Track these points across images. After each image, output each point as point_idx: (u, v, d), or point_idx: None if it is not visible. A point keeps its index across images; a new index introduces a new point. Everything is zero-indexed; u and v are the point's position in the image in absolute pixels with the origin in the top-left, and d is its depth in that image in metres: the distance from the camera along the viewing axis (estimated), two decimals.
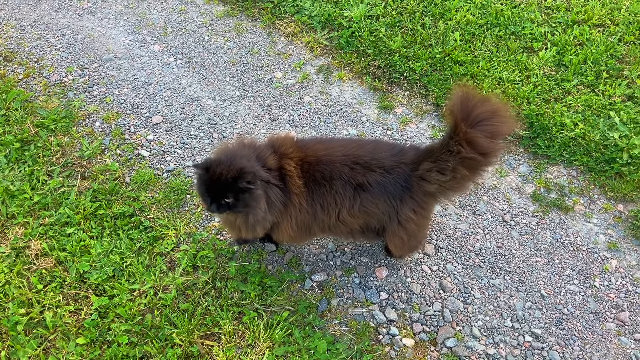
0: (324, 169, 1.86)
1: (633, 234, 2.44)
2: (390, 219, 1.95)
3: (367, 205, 1.88)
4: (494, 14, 3.39)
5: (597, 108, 2.86)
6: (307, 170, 1.88)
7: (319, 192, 1.87)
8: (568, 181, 2.65)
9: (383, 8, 3.48)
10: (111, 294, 2.19)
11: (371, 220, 1.97)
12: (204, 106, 3.07)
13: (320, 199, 1.87)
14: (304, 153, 1.91)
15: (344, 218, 1.91)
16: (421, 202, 1.91)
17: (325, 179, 1.86)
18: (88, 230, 2.41)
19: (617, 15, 3.36)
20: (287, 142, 1.96)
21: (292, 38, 3.50)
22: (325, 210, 1.88)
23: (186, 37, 3.54)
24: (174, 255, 2.34)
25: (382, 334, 2.12)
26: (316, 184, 1.87)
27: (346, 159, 1.86)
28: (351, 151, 1.89)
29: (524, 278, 2.31)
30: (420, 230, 2.10)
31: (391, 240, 2.06)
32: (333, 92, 3.14)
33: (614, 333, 2.15)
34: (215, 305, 2.16)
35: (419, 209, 1.92)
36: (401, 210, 1.91)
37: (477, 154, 1.68)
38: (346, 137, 2.06)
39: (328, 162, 1.87)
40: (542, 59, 3.12)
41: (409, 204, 1.90)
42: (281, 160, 1.89)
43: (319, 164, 1.88)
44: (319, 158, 1.89)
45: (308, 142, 2.00)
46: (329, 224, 1.93)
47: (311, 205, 1.89)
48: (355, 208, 1.88)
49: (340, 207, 1.88)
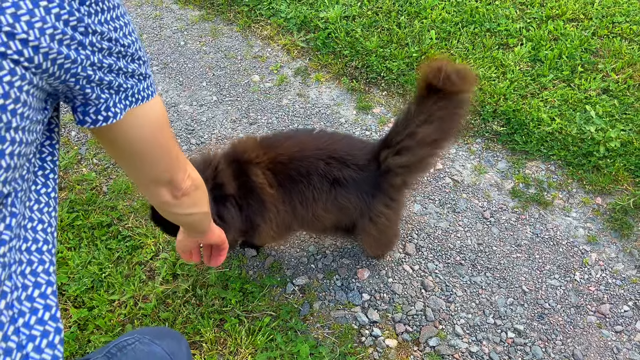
0: (299, 165, 1.83)
1: (611, 226, 2.46)
2: (361, 215, 1.94)
3: (340, 200, 1.87)
4: (469, 12, 3.40)
5: (573, 102, 2.88)
6: (281, 171, 1.85)
7: (296, 189, 1.85)
8: (546, 176, 2.67)
9: (359, 8, 3.48)
10: (90, 305, 2.16)
11: (343, 217, 1.95)
12: (181, 112, 3.04)
13: (299, 196, 1.85)
14: (274, 153, 1.86)
15: (318, 213, 1.89)
16: (391, 195, 1.92)
17: (302, 175, 1.83)
18: (65, 242, 2.38)
19: (590, 9, 3.39)
20: (250, 147, 1.90)
21: (269, 41, 3.49)
22: (304, 206, 1.86)
23: (162, 43, 3.52)
24: (153, 264, 2.31)
25: (364, 335, 2.12)
26: (293, 182, 1.84)
27: (321, 153, 1.84)
28: (325, 145, 1.86)
29: (505, 274, 2.31)
30: (392, 225, 2.09)
31: (363, 237, 2.07)
32: (311, 94, 3.14)
33: (595, 326, 2.16)
34: (196, 313, 2.14)
35: (390, 202, 1.93)
36: (373, 206, 1.91)
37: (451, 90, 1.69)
38: (310, 128, 2.02)
39: (302, 159, 1.84)
40: (517, 55, 3.14)
41: (380, 199, 1.90)
42: (247, 170, 1.84)
43: (293, 162, 1.84)
44: (292, 155, 1.85)
45: (275, 140, 1.94)
46: (308, 219, 1.91)
47: (289, 203, 1.86)
48: (329, 203, 1.87)
49: (317, 202, 1.86)
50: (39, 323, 0.79)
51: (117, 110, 0.81)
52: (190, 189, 1.09)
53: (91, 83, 0.75)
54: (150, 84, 0.87)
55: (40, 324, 0.79)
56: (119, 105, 0.81)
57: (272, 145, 1.90)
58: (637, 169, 2.60)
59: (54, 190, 0.85)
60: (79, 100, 0.77)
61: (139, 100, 0.84)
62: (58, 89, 0.73)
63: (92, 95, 0.77)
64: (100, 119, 0.80)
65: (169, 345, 1.25)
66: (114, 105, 0.81)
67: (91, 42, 0.72)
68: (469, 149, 2.80)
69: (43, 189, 0.83)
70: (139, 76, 0.83)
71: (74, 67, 0.71)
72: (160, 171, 1.00)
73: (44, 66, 0.67)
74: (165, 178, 1.03)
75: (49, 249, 0.83)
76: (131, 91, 0.82)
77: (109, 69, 0.77)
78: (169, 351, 1.23)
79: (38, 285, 0.80)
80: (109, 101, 0.80)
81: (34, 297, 0.79)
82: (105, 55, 0.75)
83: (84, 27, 0.69)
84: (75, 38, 0.69)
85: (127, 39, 0.79)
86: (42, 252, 0.81)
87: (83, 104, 0.78)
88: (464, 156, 2.77)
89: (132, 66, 0.81)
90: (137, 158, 0.95)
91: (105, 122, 0.81)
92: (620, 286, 2.27)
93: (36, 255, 0.80)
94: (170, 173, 1.02)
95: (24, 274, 0.78)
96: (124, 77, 0.80)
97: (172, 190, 1.06)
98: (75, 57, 0.70)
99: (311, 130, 1.99)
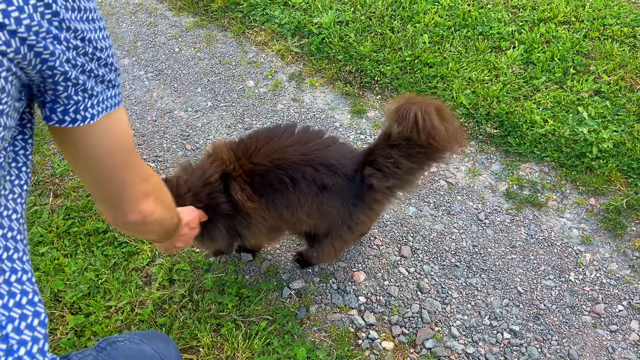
0: (280, 174, 1.76)
1: (605, 226, 2.48)
2: (342, 223, 1.92)
3: (325, 206, 1.83)
4: (461, 15, 3.43)
5: (566, 104, 2.90)
6: (261, 182, 1.78)
7: (281, 195, 1.79)
8: (540, 177, 2.69)
9: (352, 13, 3.50)
10: (87, 311, 2.16)
11: (322, 223, 1.92)
12: (176, 118, 3.05)
13: (284, 201, 1.79)
14: (251, 163, 1.79)
15: (300, 217, 1.85)
16: (372, 206, 1.90)
17: (285, 182, 1.76)
18: (62, 249, 2.38)
19: (581, 12, 3.42)
20: (226, 158, 1.82)
21: (263, 47, 3.51)
22: (289, 209, 1.82)
23: (156, 49, 3.53)
24: (149, 269, 2.32)
25: (361, 338, 2.12)
26: (275, 189, 1.78)
27: (308, 159, 1.77)
28: (313, 151, 1.79)
29: (500, 275, 2.33)
30: (365, 230, 2.21)
31: (329, 244, 2.03)
32: (305, 98, 3.15)
33: (590, 326, 2.17)
34: (192, 318, 2.15)
35: (369, 212, 1.92)
36: (354, 215, 1.89)
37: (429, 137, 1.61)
38: (290, 125, 1.91)
39: (285, 167, 1.76)
40: (510, 58, 3.16)
41: (362, 209, 1.88)
42: (227, 184, 1.80)
43: (274, 171, 1.77)
44: (272, 163, 1.77)
45: (251, 145, 1.83)
46: (292, 222, 1.88)
47: (275, 210, 1.82)
48: (313, 208, 1.82)
49: (302, 206, 1.81)
50: (17, 306, 0.82)
51: (86, 114, 0.82)
52: (136, 223, 1.05)
53: (67, 82, 0.77)
54: (117, 93, 0.88)
55: (18, 307, 0.82)
56: (90, 110, 0.82)
57: (249, 152, 1.81)
58: (629, 170, 2.62)
59: (26, 183, 0.88)
60: (49, 95, 0.79)
61: (107, 108, 0.85)
62: (34, 79, 0.75)
63: (62, 94, 0.79)
64: (67, 119, 0.81)
65: (158, 346, 1.26)
66: (84, 109, 0.82)
67: (66, 38, 0.74)
68: (463, 151, 2.82)
69: (17, 180, 0.86)
70: (108, 82, 0.84)
71: (52, 59, 0.73)
72: (108, 193, 0.98)
73: (27, 57, 0.70)
74: (109, 202, 1.00)
75: (22, 239, 0.86)
76: (101, 97, 0.83)
77: (82, 69, 0.78)
78: (158, 351, 1.24)
79: (14, 271, 0.83)
80: (79, 104, 0.81)
81: (11, 282, 0.82)
82: (80, 53, 0.77)
83: (58, 21, 0.72)
84: (50, 31, 0.71)
85: (100, 42, 0.81)
86: (17, 241, 0.84)
87: (52, 100, 0.80)
88: (458, 159, 2.79)
89: (102, 70, 0.82)
90: (94, 175, 0.94)
91: (72, 124, 0.82)
92: (614, 286, 2.29)
93: (12, 242, 0.83)
94: (115, 200, 1.00)
95: (1, 259, 0.81)
96: (94, 80, 0.81)
97: (114, 216, 1.03)
98: (53, 50, 0.72)
99: (292, 129, 1.87)
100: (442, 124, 1.57)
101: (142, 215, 1.05)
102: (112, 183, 0.95)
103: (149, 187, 1.05)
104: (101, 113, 0.84)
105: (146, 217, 1.06)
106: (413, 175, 1.82)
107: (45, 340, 0.84)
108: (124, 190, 0.98)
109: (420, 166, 1.77)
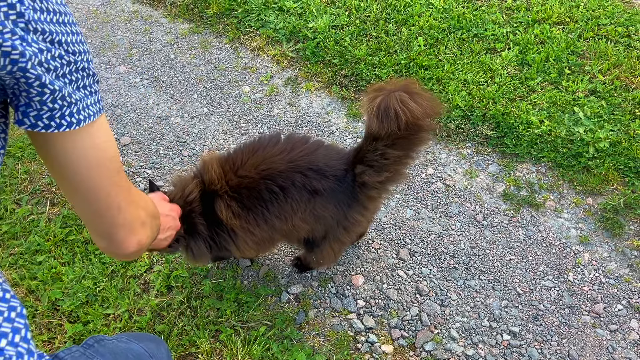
0: (270, 184, 1.75)
1: (603, 226, 2.48)
2: (337, 224, 1.92)
3: (319, 210, 1.82)
4: (456, 18, 3.43)
5: (562, 104, 2.90)
6: (249, 196, 1.77)
7: (271, 206, 1.77)
8: (537, 178, 2.69)
9: (347, 17, 3.51)
10: (85, 320, 2.16)
11: (318, 226, 1.91)
12: (173, 124, 3.05)
13: (276, 211, 1.78)
14: (238, 177, 1.78)
15: (296, 223, 1.84)
16: (366, 204, 1.90)
17: (275, 192, 1.75)
18: (59, 257, 2.37)
19: (575, 12, 3.43)
20: (215, 174, 1.82)
21: (259, 52, 3.51)
22: (283, 219, 1.80)
23: (152, 56, 3.53)
24: (147, 276, 2.31)
25: (360, 342, 2.12)
26: (265, 201, 1.76)
27: (295, 166, 1.77)
28: (299, 157, 1.79)
29: (499, 277, 2.32)
30: (362, 230, 2.21)
31: (327, 247, 2.03)
32: (302, 103, 3.15)
33: (590, 325, 2.17)
34: (191, 324, 2.14)
35: (364, 210, 1.92)
36: (349, 215, 1.88)
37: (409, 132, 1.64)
38: (275, 134, 1.90)
39: (273, 176, 1.75)
40: (505, 59, 3.16)
41: (356, 209, 1.88)
42: (213, 200, 1.79)
43: (262, 182, 1.76)
44: (258, 175, 1.76)
45: (237, 159, 1.83)
46: (287, 230, 1.86)
47: (266, 222, 1.80)
48: (307, 213, 1.82)
49: (295, 213, 1.80)
50: None
51: (62, 122, 0.79)
52: (133, 253, 0.99)
53: (43, 88, 0.75)
54: (96, 100, 0.85)
55: None
56: (68, 118, 0.80)
57: (235, 166, 1.81)
58: (626, 169, 2.62)
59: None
60: (23, 99, 0.77)
61: (88, 117, 0.82)
62: (5, 80, 0.73)
63: (35, 97, 0.76)
64: (40, 125, 0.79)
65: (147, 345, 1.25)
66: (60, 117, 0.79)
67: (34, 39, 0.72)
68: (460, 153, 2.82)
69: None
70: (85, 89, 0.82)
71: (23, 61, 0.71)
72: (99, 218, 0.92)
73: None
74: (99, 228, 0.94)
75: None
76: (80, 104, 0.81)
77: (56, 73, 0.76)
78: (148, 350, 1.23)
79: None
80: (55, 112, 0.78)
81: None
82: (55, 57, 0.76)
83: (24, 22, 0.70)
84: (15, 32, 0.69)
85: (74, 46, 0.79)
86: None
87: (26, 104, 0.77)
88: (455, 161, 2.79)
89: (77, 75, 0.80)
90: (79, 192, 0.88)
91: (46, 129, 0.79)
92: (613, 285, 2.29)
93: None
94: (107, 226, 0.93)
95: None
96: (70, 86, 0.79)
97: (108, 245, 0.96)
98: (22, 51, 0.70)
99: (276, 138, 1.87)
100: (417, 101, 1.56)
101: (140, 246, 1.00)
102: (101, 204, 0.89)
103: (142, 213, 0.99)
104: (82, 121, 0.81)
105: (143, 246, 1.01)
106: (402, 164, 1.82)
107: (26, 329, 0.80)
108: (119, 213, 0.92)
109: (407, 153, 1.77)
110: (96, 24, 3.81)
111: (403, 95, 1.54)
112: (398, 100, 1.53)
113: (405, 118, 1.54)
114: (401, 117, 1.54)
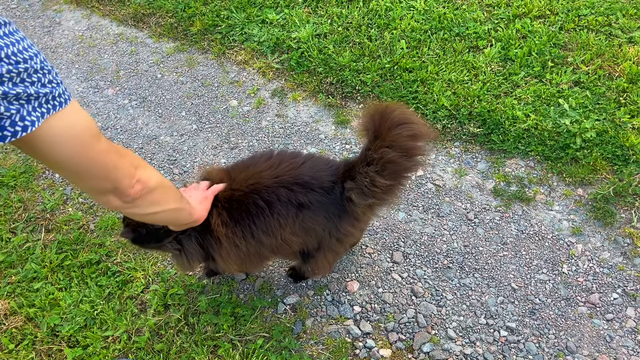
0: (256, 198, 1.78)
1: (594, 216, 2.49)
2: (329, 236, 1.93)
3: (308, 222, 1.83)
4: (437, 18, 3.45)
5: (547, 97, 2.92)
6: (238, 208, 1.80)
7: (257, 221, 1.80)
8: (526, 172, 2.70)
9: (329, 25, 3.53)
10: (84, 344, 2.17)
11: (310, 239, 1.93)
12: (162, 143, 3.07)
13: (263, 226, 1.80)
14: (230, 190, 1.82)
15: (286, 237, 1.85)
16: (357, 216, 1.89)
17: (261, 207, 1.78)
18: (56, 283, 2.39)
19: (555, 4, 3.45)
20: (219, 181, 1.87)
21: (244, 65, 3.53)
22: (270, 234, 1.82)
23: (139, 77, 3.56)
24: (144, 296, 2.32)
25: (358, 348, 2.13)
26: (252, 215, 1.79)
27: (281, 180, 1.79)
28: (284, 172, 1.82)
29: (493, 274, 2.33)
30: (356, 240, 2.24)
31: (322, 257, 2.04)
32: (289, 113, 3.17)
33: (586, 316, 2.17)
34: (189, 341, 2.15)
35: (356, 222, 1.92)
36: (340, 226, 1.89)
37: (399, 155, 1.67)
38: (268, 151, 1.94)
39: (260, 190, 1.79)
40: (488, 56, 3.18)
41: (347, 220, 1.88)
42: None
43: (250, 195, 1.79)
44: (247, 189, 1.80)
45: (233, 172, 1.89)
46: (277, 245, 1.87)
47: (252, 237, 1.81)
48: (296, 226, 1.83)
49: (284, 227, 1.82)
50: None
51: (26, 123, 0.83)
52: (142, 192, 1.11)
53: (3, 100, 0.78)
54: (62, 91, 0.89)
55: None
56: (34, 114, 0.84)
57: (230, 179, 1.86)
58: (614, 157, 2.63)
59: None
60: None
61: (55, 106, 0.87)
62: None
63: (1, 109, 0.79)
64: (18, 130, 0.82)
65: None
66: (28, 114, 0.83)
67: None
68: (448, 152, 2.83)
69: None
70: (49, 84, 0.86)
71: None
72: (99, 182, 1.02)
73: None
74: (106, 187, 1.04)
75: None
76: (36, 102, 0.84)
77: (12, 82, 0.79)
78: None
79: None
80: (21, 111, 0.82)
81: None
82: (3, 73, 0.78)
83: None
84: None
85: (23, 54, 0.82)
86: None
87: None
88: (443, 160, 2.80)
89: (35, 77, 0.84)
90: (72, 172, 0.97)
91: (24, 131, 0.83)
92: (608, 274, 2.29)
93: None
94: (111, 182, 1.04)
95: None
96: (32, 87, 0.83)
97: (120, 196, 1.08)
98: None
99: (269, 154, 1.92)
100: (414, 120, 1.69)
101: (143, 184, 1.10)
102: (100, 169, 0.99)
103: (131, 159, 1.09)
104: (41, 118, 0.85)
105: (147, 183, 1.11)
106: (391, 194, 1.83)
107: None
108: (115, 169, 1.02)
109: (395, 182, 1.78)
110: (82, 49, 3.84)
111: None
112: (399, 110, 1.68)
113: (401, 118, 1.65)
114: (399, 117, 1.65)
